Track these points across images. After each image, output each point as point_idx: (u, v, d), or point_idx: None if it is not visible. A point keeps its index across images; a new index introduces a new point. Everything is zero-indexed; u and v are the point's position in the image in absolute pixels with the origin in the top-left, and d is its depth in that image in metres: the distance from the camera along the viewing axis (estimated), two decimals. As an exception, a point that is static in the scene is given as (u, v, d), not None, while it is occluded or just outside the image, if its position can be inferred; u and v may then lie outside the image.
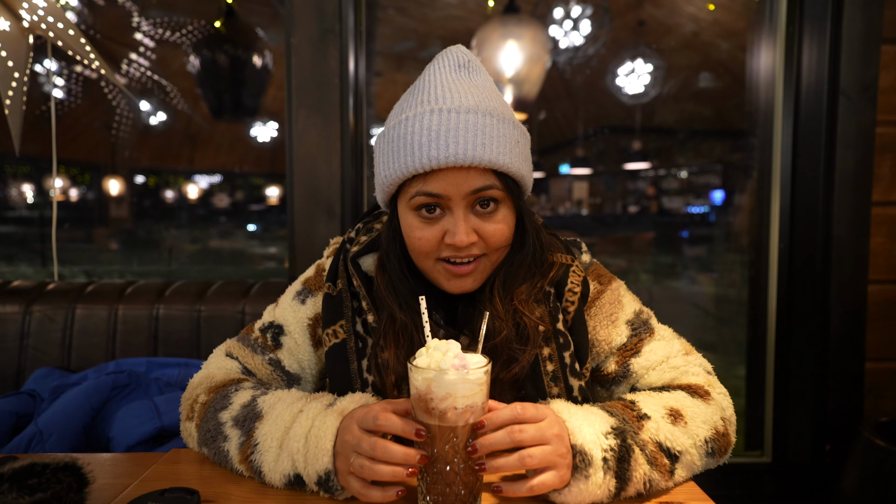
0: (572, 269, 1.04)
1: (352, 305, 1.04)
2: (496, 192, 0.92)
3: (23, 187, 3.20)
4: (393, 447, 0.79)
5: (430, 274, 0.99)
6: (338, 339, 1.03)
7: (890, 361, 2.06)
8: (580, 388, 1.00)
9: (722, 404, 0.98)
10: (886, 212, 2.04)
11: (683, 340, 1.08)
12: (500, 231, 0.94)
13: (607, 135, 3.53)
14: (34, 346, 1.81)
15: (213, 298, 1.87)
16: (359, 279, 1.03)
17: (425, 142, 0.88)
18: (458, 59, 0.98)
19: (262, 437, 0.90)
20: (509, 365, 0.97)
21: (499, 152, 0.90)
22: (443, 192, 0.90)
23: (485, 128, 0.89)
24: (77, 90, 2.93)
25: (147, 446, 1.44)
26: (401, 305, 0.98)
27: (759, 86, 2.29)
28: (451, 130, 0.88)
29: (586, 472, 0.81)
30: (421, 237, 0.94)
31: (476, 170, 0.90)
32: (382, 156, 0.95)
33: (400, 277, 1.00)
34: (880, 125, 2.01)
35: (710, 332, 2.94)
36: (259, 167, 3.50)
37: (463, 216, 0.91)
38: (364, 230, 1.11)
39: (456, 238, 0.90)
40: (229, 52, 2.80)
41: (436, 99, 0.92)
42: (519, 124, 0.97)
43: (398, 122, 0.93)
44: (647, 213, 3.60)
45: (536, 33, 2.69)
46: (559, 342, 1.00)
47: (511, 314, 0.97)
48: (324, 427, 0.86)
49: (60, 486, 0.78)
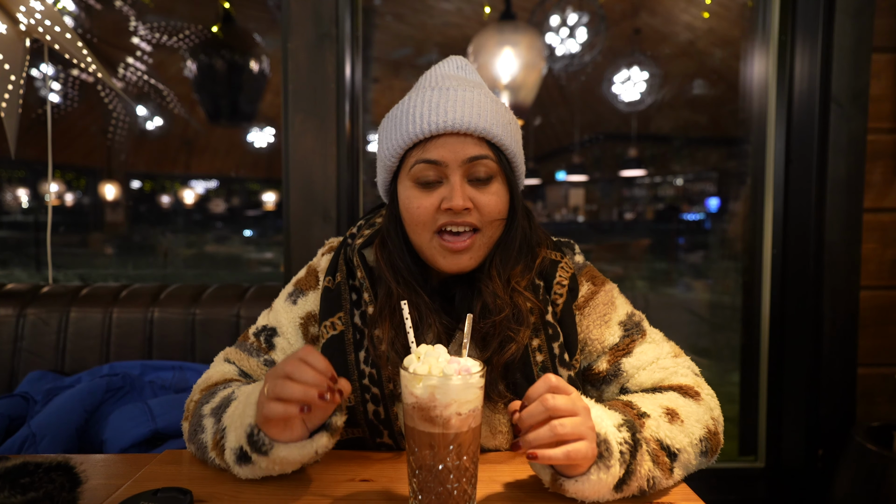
0: (560, 265, 1.08)
1: (350, 298, 1.06)
2: (490, 163, 0.98)
3: (18, 191, 3.19)
4: (307, 369, 0.81)
5: (427, 251, 1.01)
6: (336, 330, 1.05)
7: (881, 367, 2.07)
8: (570, 378, 1.02)
9: (710, 404, 1.00)
10: (878, 218, 2.05)
11: (673, 343, 1.10)
12: (494, 203, 0.99)
13: (603, 142, 3.55)
14: (28, 348, 1.81)
15: (208, 302, 1.87)
16: (363, 270, 1.05)
17: (426, 112, 0.96)
18: (458, 62, 1.08)
19: (227, 420, 0.92)
20: (504, 346, 0.99)
21: (493, 123, 0.97)
22: (440, 159, 0.96)
23: (480, 103, 0.97)
24: (73, 94, 2.93)
25: (141, 449, 1.44)
26: (398, 281, 1.02)
27: (753, 93, 2.31)
28: (450, 101, 0.96)
29: (608, 462, 0.81)
30: (419, 206, 0.98)
31: (472, 138, 0.97)
32: (385, 133, 1.02)
33: (399, 255, 1.04)
34: (871, 132, 2.03)
35: (704, 338, 2.95)
36: (256, 172, 3.50)
37: (460, 182, 0.97)
38: (366, 225, 1.15)
39: (453, 202, 0.95)
40: (226, 56, 2.81)
41: (437, 82, 1.01)
42: (512, 113, 1.05)
43: (402, 103, 1.01)
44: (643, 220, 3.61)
45: (533, 40, 2.71)
46: (548, 333, 1.03)
47: (509, 294, 1.01)
48: (256, 390, 0.89)
49: (53, 485, 0.78)
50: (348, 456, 1.03)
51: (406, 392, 0.80)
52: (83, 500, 0.82)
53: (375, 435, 1.04)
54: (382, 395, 1.01)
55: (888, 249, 2.06)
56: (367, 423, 1.03)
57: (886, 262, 2.07)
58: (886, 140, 2.04)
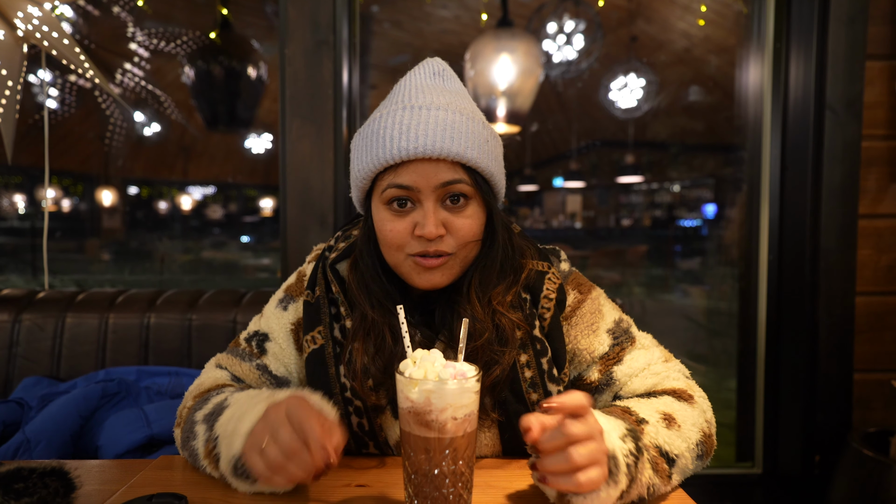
0: (548, 277, 1.05)
1: (329, 311, 1.05)
2: (465, 186, 0.95)
3: (14, 197, 3.19)
4: (305, 454, 0.77)
5: (401, 269, 0.99)
6: (316, 344, 1.04)
7: (878, 372, 2.08)
8: (559, 393, 1.00)
9: (703, 407, 0.99)
10: (873, 224, 2.06)
11: (662, 348, 1.09)
12: (469, 226, 0.96)
13: (600, 148, 3.56)
14: (23, 354, 1.80)
15: (205, 307, 1.87)
16: (337, 284, 1.04)
17: (396, 135, 0.92)
18: (434, 67, 1.03)
19: (219, 429, 0.91)
20: (489, 368, 0.97)
21: (467, 147, 0.93)
22: (413, 185, 0.93)
23: (454, 124, 0.93)
24: (71, 100, 2.94)
25: (136, 455, 1.43)
26: (372, 305, 1.00)
27: (748, 100, 2.32)
28: (422, 124, 0.92)
29: (616, 479, 0.79)
30: (392, 229, 0.95)
31: (445, 163, 0.93)
32: (357, 151, 0.99)
33: (373, 276, 1.02)
34: (866, 139, 2.04)
35: (701, 344, 2.95)
36: (253, 179, 3.51)
37: (433, 209, 0.94)
38: (343, 237, 1.13)
39: (425, 230, 0.92)
40: (224, 63, 2.81)
41: (409, 98, 0.97)
42: (490, 127, 1.00)
43: (373, 120, 0.97)
44: (640, 227, 3.62)
45: (530, 47, 2.72)
46: (536, 348, 1.01)
47: (490, 315, 0.98)
48: (251, 413, 0.86)
49: (47, 490, 0.77)
50: (344, 461, 1.03)
51: (402, 396, 0.80)
52: (77, 506, 0.81)
53: (361, 446, 1.04)
54: (365, 408, 1.00)
55: (883, 255, 2.07)
56: (352, 436, 1.03)
57: (882, 268, 2.07)
58: (881, 147, 2.05)
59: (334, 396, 1.01)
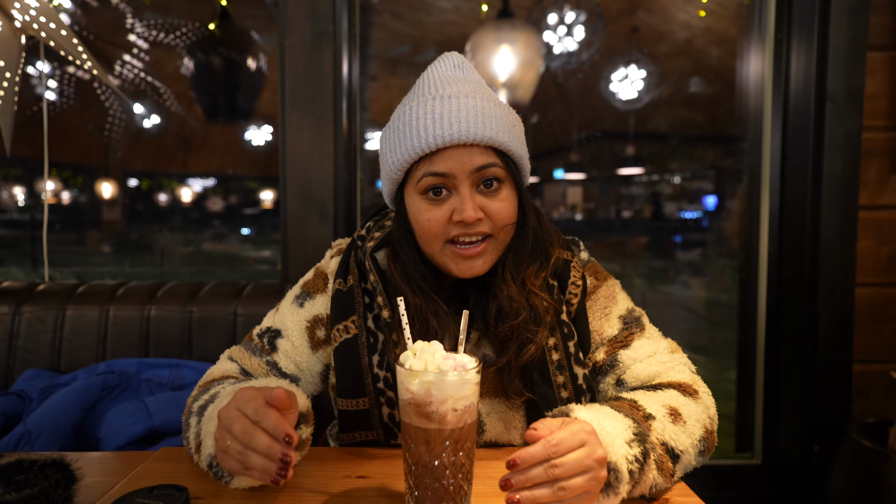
0: (572, 265, 1.08)
1: (363, 301, 1.06)
2: (498, 170, 0.97)
3: (14, 189, 3.18)
4: (260, 438, 0.76)
5: (439, 259, 1.01)
6: (349, 334, 1.05)
7: (877, 363, 2.08)
8: (584, 377, 1.03)
9: (707, 403, 1.00)
10: (873, 216, 2.06)
11: (670, 340, 1.11)
12: (505, 209, 0.98)
13: (601, 140, 3.55)
14: (23, 347, 1.81)
15: (205, 299, 1.87)
16: (376, 274, 1.05)
17: (430, 124, 0.94)
18: (454, 60, 1.06)
19: (204, 423, 0.91)
20: (524, 347, 0.99)
21: (498, 130, 0.95)
22: (448, 171, 0.95)
23: (484, 110, 0.96)
24: (69, 92, 2.93)
25: (137, 447, 1.44)
26: (414, 291, 1.01)
27: (749, 91, 2.31)
28: (454, 112, 0.94)
29: (616, 490, 0.79)
30: (430, 218, 0.97)
31: (478, 148, 0.95)
32: (389, 145, 1.00)
33: (413, 264, 1.03)
34: (866, 130, 2.03)
35: (701, 335, 2.95)
36: (253, 171, 3.49)
37: (469, 194, 0.96)
38: (376, 227, 1.13)
39: (464, 214, 0.94)
40: (224, 54, 2.80)
41: (436, 88, 0.99)
42: (514, 112, 1.03)
43: (402, 113, 0.99)
44: (641, 218, 3.62)
45: (530, 38, 2.71)
46: (563, 332, 1.04)
47: (525, 296, 1.01)
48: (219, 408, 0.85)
49: (48, 482, 0.78)
50: (345, 452, 1.04)
51: (402, 388, 0.80)
52: (78, 498, 0.82)
53: (390, 437, 1.05)
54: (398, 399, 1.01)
55: (883, 246, 2.07)
56: (381, 426, 1.04)
57: (882, 259, 2.07)
58: (881, 138, 2.04)
59: (366, 387, 1.01)
